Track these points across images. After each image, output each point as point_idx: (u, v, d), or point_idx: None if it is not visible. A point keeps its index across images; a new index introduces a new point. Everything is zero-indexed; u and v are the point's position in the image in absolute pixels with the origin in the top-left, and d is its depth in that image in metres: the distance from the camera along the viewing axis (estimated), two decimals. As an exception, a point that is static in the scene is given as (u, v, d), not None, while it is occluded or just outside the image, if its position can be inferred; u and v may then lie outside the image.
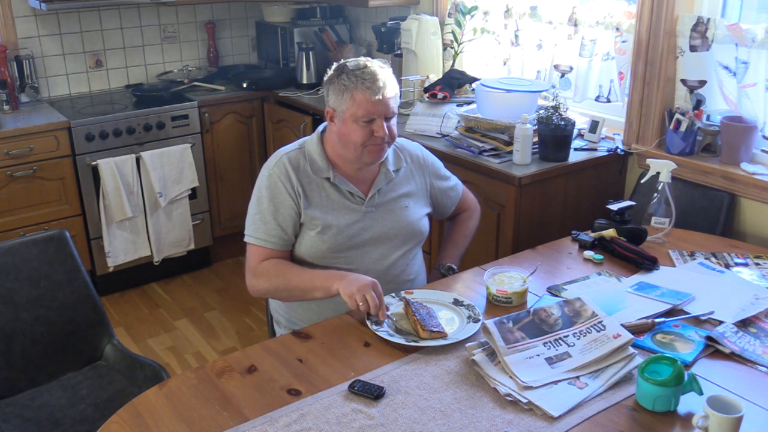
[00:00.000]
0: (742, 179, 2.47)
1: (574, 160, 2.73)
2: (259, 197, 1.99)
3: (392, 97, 1.93)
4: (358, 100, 1.89)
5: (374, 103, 1.88)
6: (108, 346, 2.28)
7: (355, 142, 1.92)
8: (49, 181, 3.47)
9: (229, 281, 4.01)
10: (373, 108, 1.89)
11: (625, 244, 2.11)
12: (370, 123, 1.90)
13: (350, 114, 1.90)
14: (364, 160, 1.96)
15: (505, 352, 1.59)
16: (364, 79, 1.88)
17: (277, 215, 1.96)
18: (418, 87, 3.31)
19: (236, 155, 4.06)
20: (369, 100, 1.88)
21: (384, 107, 1.90)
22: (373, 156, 1.95)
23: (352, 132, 1.92)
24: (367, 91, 1.88)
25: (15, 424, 2.01)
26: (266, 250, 1.97)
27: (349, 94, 1.89)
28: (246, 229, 2.01)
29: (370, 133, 1.91)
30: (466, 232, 2.29)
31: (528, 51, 3.22)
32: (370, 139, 1.92)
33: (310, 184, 1.99)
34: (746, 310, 1.79)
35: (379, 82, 1.89)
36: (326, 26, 4.17)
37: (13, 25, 3.72)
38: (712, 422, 1.34)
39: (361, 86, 1.88)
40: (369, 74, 1.89)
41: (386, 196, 2.05)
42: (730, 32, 2.47)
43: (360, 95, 1.88)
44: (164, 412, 1.49)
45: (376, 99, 1.88)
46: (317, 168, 1.99)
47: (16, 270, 2.15)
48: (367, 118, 1.89)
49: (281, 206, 1.96)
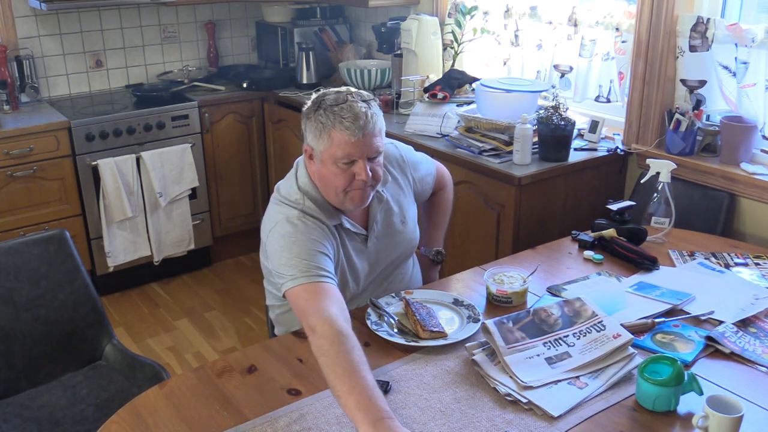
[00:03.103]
0: (742, 179, 2.48)
1: (574, 160, 2.73)
2: (289, 244, 1.71)
3: (376, 135, 1.73)
4: (337, 140, 1.69)
5: (354, 144, 1.69)
6: (108, 346, 2.28)
7: (336, 187, 1.74)
8: (49, 181, 3.47)
9: (229, 281, 4.01)
10: (354, 149, 1.69)
11: (625, 244, 2.11)
12: (351, 165, 1.72)
13: (329, 155, 1.71)
14: (347, 206, 1.79)
15: (505, 352, 1.59)
16: (343, 118, 1.68)
17: (319, 254, 1.70)
18: (418, 87, 3.31)
19: (236, 155, 4.06)
20: (348, 141, 1.68)
21: (366, 147, 1.71)
22: (356, 202, 1.77)
23: (331, 175, 1.73)
24: (346, 132, 1.68)
25: (15, 424, 2.01)
26: (310, 286, 1.64)
27: (327, 134, 1.70)
28: (280, 282, 1.69)
29: (351, 176, 1.72)
30: (444, 209, 2.23)
31: (528, 51, 3.22)
32: (352, 183, 1.74)
33: (327, 235, 1.79)
34: (746, 310, 1.79)
35: (360, 121, 1.68)
36: (326, 26, 4.17)
37: (13, 25, 3.72)
38: (712, 422, 1.35)
39: (339, 126, 1.68)
40: (348, 112, 1.68)
41: (384, 221, 1.95)
42: (730, 32, 2.47)
43: (339, 135, 1.69)
44: (164, 412, 1.49)
45: (356, 140, 1.68)
46: (327, 216, 1.80)
47: (16, 270, 2.15)
48: (347, 159, 1.70)
49: (322, 246, 1.73)
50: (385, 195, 1.94)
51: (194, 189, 3.87)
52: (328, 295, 1.62)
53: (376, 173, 1.77)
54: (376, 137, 1.74)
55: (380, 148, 1.76)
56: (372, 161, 1.75)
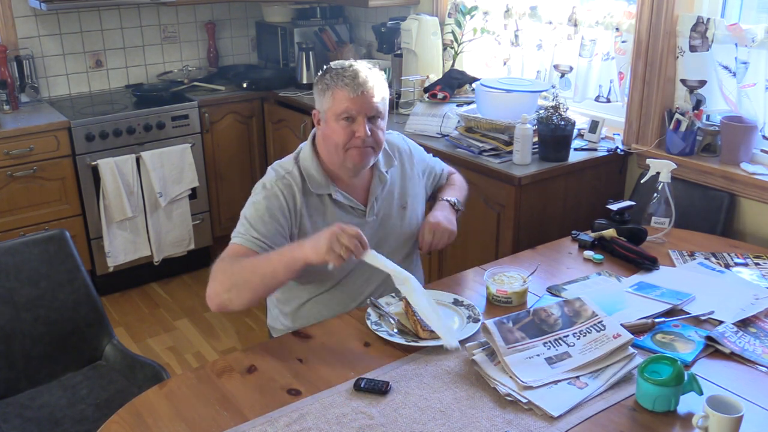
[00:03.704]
0: (742, 179, 2.48)
1: (574, 160, 2.73)
2: (251, 206, 1.86)
3: (376, 96, 1.84)
4: (338, 97, 1.83)
5: (353, 100, 1.81)
6: (108, 346, 2.27)
7: (337, 143, 1.84)
8: (49, 181, 3.47)
9: (229, 281, 4.01)
10: (353, 105, 1.82)
11: (625, 244, 2.11)
12: (352, 122, 1.83)
13: (332, 113, 1.84)
14: (347, 165, 1.87)
15: (505, 352, 1.59)
16: (344, 76, 1.83)
17: (265, 224, 1.82)
18: (418, 87, 3.31)
19: (236, 155, 4.06)
20: (348, 96, 1.81)
21: (365, 105, 1.83)
22: (355, 159, 1.86)
23: (333, 132, 1.85)
24: (346, 88, 1.82)
25: (15, 424, 2.01)
26: (243, 248, 1.79)
27: (330, 93, 1.84)
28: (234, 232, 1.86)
29: (351, 133, 1.83)
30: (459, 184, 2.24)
31: (528, 51, 3.22)
32: (351, 140, 1.83)
33: (314, 205, 1.90)
34: (746, 310, 1.79)
35: (359, 79, 1.82)
36: (326, 26, 4.17)
37: (13, 25, 3.72)
38: (712, 422, 1.34)
39: (341, 83, 1.82)
40: (350, 72, 1.84)
41: (385, 203, 1.99)
42: (730, 32, 2.47)
43: (340, 92, 1.82)
44: (164, 412, 1.49)
45: (356, 96, 1.81)
46: (316, 184, 1.90)
47: (16, 270, 2.15)
48: (346, 114, 1.82)
49: (271, 222, 1.82)
50: (388, 177, 2.01)
51: (194, 189, 3.87)
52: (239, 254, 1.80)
53: (375, 134, 1.86)
54: (376, 99, 1.85)
55: (380, 109, 1.86)
56: (372, 122, 1.86)
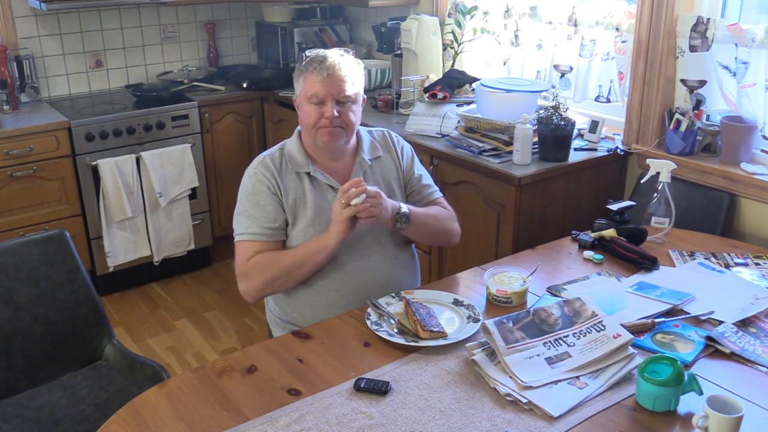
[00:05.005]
0: (742, 179, 2.48)
1: (574, 160, 2.73)
2: (242, 196, 2.00)
3: (344, 78, 1.93)
4: (309, 80, 1.93)
5: (321, 83, 1.91)
6: (108, 346, 2.28)
7: (308, 124, 1.95)
8: (49, 181, 3.47)
9: (229, 281, 4.01)
10: (320, 87, 1.91)
11: (625, 244, 2.11)
12: (321, 105, 1.93)
13: (304, 96, 1.95)
14: (318, 143, 1.98)
15: (505, 352, 1.59)
16: (313, 61, 1.94)
17: (262, 209, 1.96)
18: (418, 87, 3.31)
19: (236, 155, 4.06)
20: (316, 80, 1.91)
21: (333, 87, 1.91)
22: (325, 138, 1.96)
23: (306, 114, 1.96)
24: (315, 72, 1.92)
25: (15, 424, 2.01)
26: (255, 243, 1.95)
27: (302, 78, 1.96)
28: (234, 233, 2.00)
29: (320, 114, 1.93)
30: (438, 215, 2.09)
31: (528, 51, 3.22)
32: (320, 120, 1.93)
33: (292, 182, 1.99)
34: (746, 310, 1.79)
35: (326, 63, 1.92)
36: (326, 26, 4.17)
37: (13, 25, 3.72)
38: (712, 422, 1.34)
39: (310, 68, 1.93)
40: (320, 57, 1.94)
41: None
42: (730, 32, 2.47)
43: (310, 76, 1.93)
44: (164, 412, 1.49)
45: (322, 78, 1.91)
46: (297, 163, 2.00)
47: (16, 270, 2.15)
48: (315, 98, 1.92)
49: (265, 202, 1.96)
50: (371, 163, 2.07)
51: (194, 189, 3.87)
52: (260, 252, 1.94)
53: (344, 115, 1.95)
54: (345, 83, 1.94)
55: (348, 93, 1.94)
56: (342, 105, 1.94)
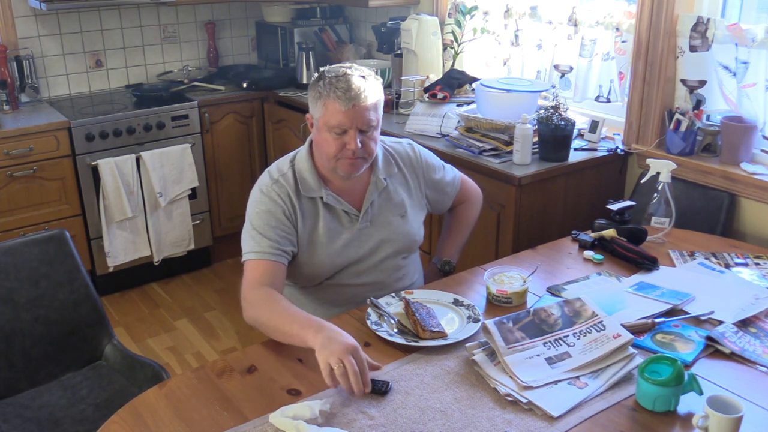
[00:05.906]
0: (742, 179, 2.48)
1: (574, 160, 2.73)
2: (253, 214, 1.89)
3: (369, 107, 1.81)
4: (331, 109, 1.79)
5: (345, 114, 1.78)
6: (108, 346, 2.27)
7: (328, 153, 1.84)
8: (49, 181, 3.47)
9: (229, 281, 4.01)
10: (345, 119, 1.78)
11: (625, 244, 2.11)
12: (343, 134, 1.81)
13: (323, 122, 1.82)
14: (338, 173, 1.87)
15: (505, 352, 1.59)
16: (337, 87, 1.78)
17: (273, 229, 1.85)
18: (418, 87, 3.31)
19: (236, 155, 4.06)
20: (340, 110, 1.78)
21: (358, 119, 1.79)
22: (346, 170, 1.85)
23: (324, 142, 1.84)
24: (338, 101, 1.77)
25: (15, 424, 2.01)
26: (262, 262, 1.83)
27: (322, 102, 1.81)
28: (243, 251, 1.89)
29: (342, 145, 1.81)
30: (465, 223, 2.23)
31: (528, 51, 3.22)
32: (342, 151, 1.82)
33: (306, 205, 1.91)
34: (746, 310, 1.79)
35: (352, 92, 1.78)
36: (326, 26, 4.17)
37: (13, 25, 3.72)
38: (712, 422, 1.34)
39: (333, 95, 1.78)
40: (344, 82, 1.79)
41: (381, 208, 1.98)
42: (730, 32, 2.47)
43: (332, 104, 1.79)
44: (164, 412, 1.49)
45: (348, 109, 1.77)
46: (308, 187, 1.90)
47: (16, 270, 2.15)
48: (338, 129, 1.80)
49: (277, 223, 1.86)
50: (387, 184, 1.99)
51: (194, 189, 3.87)
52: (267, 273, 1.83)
53: (367, 146, 1.84)
54: (369, 111, 1.82)
55: (372, 123, 1.84)
56: (364, 134, 1.83)
